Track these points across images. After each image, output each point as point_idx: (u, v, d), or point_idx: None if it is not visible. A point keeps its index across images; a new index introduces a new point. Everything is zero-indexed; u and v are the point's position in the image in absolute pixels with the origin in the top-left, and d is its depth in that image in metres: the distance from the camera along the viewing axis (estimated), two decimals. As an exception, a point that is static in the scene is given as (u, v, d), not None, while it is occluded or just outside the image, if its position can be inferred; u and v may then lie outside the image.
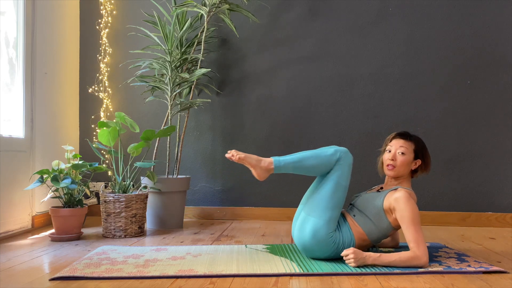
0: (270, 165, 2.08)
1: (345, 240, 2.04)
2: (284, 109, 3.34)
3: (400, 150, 2.12)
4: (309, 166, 2.07)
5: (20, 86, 2.82)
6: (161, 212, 2.95)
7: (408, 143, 2.14)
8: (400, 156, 2.12)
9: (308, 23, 3.33)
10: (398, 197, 2.00)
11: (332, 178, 2.06)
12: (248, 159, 2.09)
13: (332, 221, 2.03)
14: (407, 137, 2.16)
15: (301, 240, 2.06)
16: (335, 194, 2.05)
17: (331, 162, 2.07)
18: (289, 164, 2.08)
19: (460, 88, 3.22)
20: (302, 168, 2.08)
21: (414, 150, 2.14)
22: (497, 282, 1.77)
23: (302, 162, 2.07)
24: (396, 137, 2.18)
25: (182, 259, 2.07)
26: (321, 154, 2.08)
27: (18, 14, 2.82)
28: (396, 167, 2.12)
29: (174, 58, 3.04)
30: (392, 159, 2.13)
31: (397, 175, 2.14)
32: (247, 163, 2.09)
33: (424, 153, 2.15)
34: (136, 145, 2.74)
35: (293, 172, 2.10)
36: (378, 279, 1.80)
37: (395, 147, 2.15)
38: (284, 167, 2.08)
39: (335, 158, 2.07)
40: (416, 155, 2.14)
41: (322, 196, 2.05)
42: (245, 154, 2.10)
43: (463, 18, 3.22)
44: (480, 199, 3.17)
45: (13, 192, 2.69)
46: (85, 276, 1.78)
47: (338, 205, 2.05)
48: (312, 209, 2.05)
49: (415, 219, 1.96)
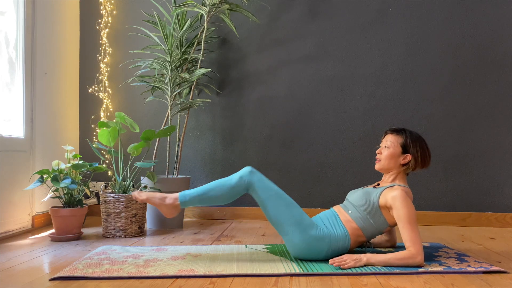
0: (176, 201, 2.07)
1: (339, 237, 2.04)
2: (284, 109, 3.34)
3: (386, 144, 2.15)
4: (214, 196, 2.05)
5: (20, 86, 2.82)
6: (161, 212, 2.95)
7: (395, 137, 2.15)
8: (385, 150, 2.15)
9: (308, 23, 3.33)
10: (395, 196, 2.00)
11: (262, 198, 2.04)
12: (151, 199, 2.08)
13: (307, 223, 2.02)
14: (396, 131, 2.17)
15: (293, 253, 2.07)
16: (281, 206, 2.02)
17: (241, 189, 2.05)
18: (195, 197, 2.05)
19: (460, 88, 3.22)
20: (208, 200, 2.06)
21: (401, 144, 2.14)
22: (497, 282, 1.77)
23: (207, 194, 2.05)
24: (387, 132, 2.21)
25: (182, 259, 2.07)
26: (225, 184, 2.05)
27: (18, 14, 2.82)
28: (381, 160, 2.15)
29: (174, 58, 3.04)
30: (378, 152, 2.18)
31: (383, 168, 2.16)
32: (151, 203, 2.08)
33: (417, 148, 2.13)
34: (136, 145, 2.74)
35: (200, 204, 2.09)
36: (378, 279, 1.80)
37: (383, 141, 2.19)
38: (190, 201, 2.06)
39: (243, 184, 2.04)
40: (404, 149, 2.13)
41: (277, 217, 2.02)
42: (146, 195, 2.09)
43: (463, 18, 3.22)
44: (480, 199, 3.17)
45: (13, 192, 2.69)
46: (85, 276, 1.78)
47: (293, 209, 2.03)
48: (282, 230, 2.04)
49: (412, 218, 1.96)
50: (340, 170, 3.28)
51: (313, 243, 2.01)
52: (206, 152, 3.40)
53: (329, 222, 2.09)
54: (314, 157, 3.30)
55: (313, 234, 2.01)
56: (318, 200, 3.28)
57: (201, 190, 2.06)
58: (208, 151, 3.40)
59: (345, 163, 3.27)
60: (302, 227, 2.01)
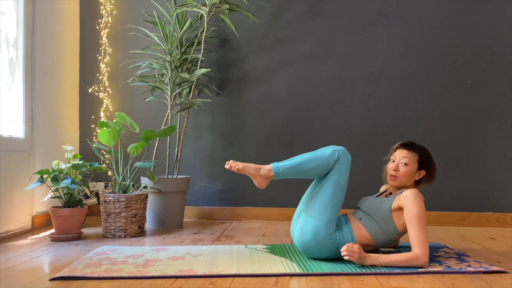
0: (270, 173, 2.07)
1: (345, 241, 2.03)
2: (284, 109, 3.34)
3: (404, 160, 2.11)
4: (308, 169, 2.05)
5: (20, 86, 2.82)
6: (161, 212, 2.95)
7: (412, 153, 2.13)
8: (403, 167, 2.11)
9: (308, 23, 3.33)
10: (408, 195, 1.99)
11: (332, 178, 2.05)
12: (247, 169, 2.08)
13: (332, 222, 2.03)
14: (411, 147, 2.14)
15: (301, 241, 2.05)
16: (334, 195, 2.04)
17: (331, 163, 2.05)
18: (289, 169, 2.06)
19: (460, 88, 3.22)
20: (302, 172, 2.06)
21: (418, 160, 2.12)
22: (497, 282, 1.77)
23: (301, 166, 2.05)
24: (400, 147, 2.17)
25: (182, 259, 2.07)
26: (319, 156, 2.06)
27: (18, 14, 2.82)
28: (399, 177, 2.11)
29: (174, 58, 3.04)
30: (395, 169, 2.12)
31: (399, 185, 2.13)
32: (247, 172, 2.08)
33: (429, 164, 2.14)
34: (136, 145, 2.74)
35: (294, 177, 2.08)
36: (378, 279, 1.80)
37: (398, 157, 2.14)
38: (283, 173, 2.06)
39: (334, 158, 2.05)
40: (420, 165, 2.12)
41: (322, 197, 2.04)
42: (243, 164, 2.08)
43: (463, 18, 3.22)
44: (480, 199, 3.17)
45: (13, 192, 2.69)
46: (85, 276, 1.78)
47: (338, 205, 2.05)
48: (312, 210, 2.04)
49: (421, 218, 1.95)
50: (340, 170, 3.27)
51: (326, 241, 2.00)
52: (206, 152, 3.40)
53: (339, 225, 2.09)
54: (314, 157, 3.29)
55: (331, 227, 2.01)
56: (318, 200, 3.27)
57: (295, 162, 2.06)
58: (208, 151, 3.40)
59: (345, 163, 3.27)
60: (330, 225, 2.01)
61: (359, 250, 1.91)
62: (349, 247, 1.91)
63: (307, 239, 2.03)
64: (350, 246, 1.91)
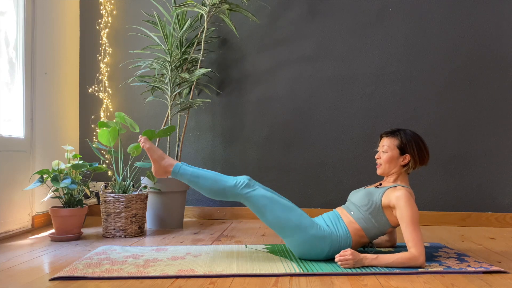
0: (169, 168, 2.10)
1: (341, 237, 2.04)
2: (284, 109, 3.34)
3: (383, 148, 2.16)
4: (202, 185, 2.06)
5: (20, 86, 2.83)
6: (161, 212, 2.95)
7: (390, 139, 2.15)
8: (383, 154, 2.15)
9: (308, 23, 3.33)
10: (399, 196, 2.00)
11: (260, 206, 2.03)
12: (151, 152, 2.12)
13: (305, 226, 2.01)
14: (391, 133, 2.17)
15: (296, 253, 2.09)
16: (279, 214, 2.02)
17: (230, 194, 2.05)
18: (186, 175, 2.07)
19: (460, 88, 3.22)
20: (196, 185, 2.07)
21: (397, 145, 2.13)
22: (497, 282, 1.77)
23: (197, 179, 2.06)
24: (382, 135, 2.22)
25: (182, 259, 2.07)
26: (220, 182, 2.05)
27: (18, 14, 2.82)
28: (382, 165, 2.16)
29: (174, 58, 3.04)
30: (377, 157, 2.18)
31: (384, 172, 2.17)
32: (149, 155, 2.12)
33: (413, 147, 2.13)
34: (136, 145, 2.74)
35: (189, 184, 2.10)
36: (378, 279, 1.80)
37: (380, 145, 2.19)
38: (180, 175, 2.08)
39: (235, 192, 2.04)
40: (402, 150, 2.13)
41: (275, 224, 2.03)
42: (150, 145, 2.12)
43: (463, 18, 3.22)
44: (480, 199, 3.17)
45: (13, 192, 2.69)
46: (85, 276, 1.78)
47: (291, 214, 2.03)
48: (282, 235, 2.07)
49: (415, 218, 1.96)
50: (340, 170, 3.28)
51: (315, 242, 2.01)
52: (206, 152, 3.40)
53: (332, 223, 2.09)
54: (314, 157, 3.30)
55: (314, 234, 2.01)
56: (318, 200, 3.28)
57: (196, 173, 2.07)
58: (208, 151, 3.40)
59: (345, 163, 3.27)
60: (302, 228, 2.01)
61: (352, 256, 1.91)
62: (342, 255, 1.92)
63: (298, 252, 2.06)
64: (342, 254, 1.92)
